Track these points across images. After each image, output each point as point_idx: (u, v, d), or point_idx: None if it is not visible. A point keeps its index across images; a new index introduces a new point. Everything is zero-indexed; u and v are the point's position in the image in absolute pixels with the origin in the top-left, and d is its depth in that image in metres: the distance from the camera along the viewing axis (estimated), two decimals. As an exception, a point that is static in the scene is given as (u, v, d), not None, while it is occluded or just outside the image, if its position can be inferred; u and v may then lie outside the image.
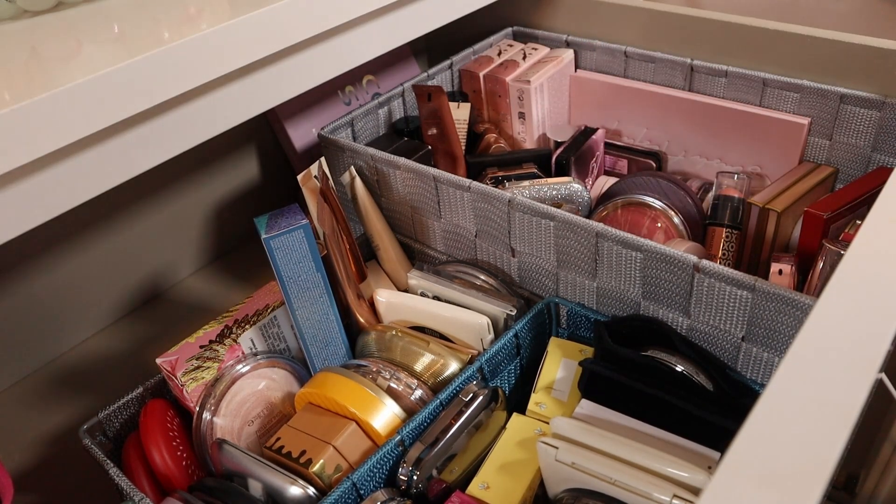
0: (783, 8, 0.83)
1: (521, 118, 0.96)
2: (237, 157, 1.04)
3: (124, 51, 0.54)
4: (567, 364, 0.68)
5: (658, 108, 0.92)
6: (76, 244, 0.90)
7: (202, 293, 1.02)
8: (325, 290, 0.69)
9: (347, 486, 0.57)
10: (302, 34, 0.64)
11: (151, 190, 0.95)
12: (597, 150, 0.93)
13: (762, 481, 0.29)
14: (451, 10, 0.83)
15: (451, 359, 0.68)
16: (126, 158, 0.57)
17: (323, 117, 1.01)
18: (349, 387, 0.64)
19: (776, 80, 0.83)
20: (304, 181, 0.72)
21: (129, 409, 0.68)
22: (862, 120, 0.78)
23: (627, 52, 0.94)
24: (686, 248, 0.71)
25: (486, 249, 0.77)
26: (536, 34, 1.02)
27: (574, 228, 0.67)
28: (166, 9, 0.63)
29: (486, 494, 0.59)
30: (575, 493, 0.56)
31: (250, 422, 0.69)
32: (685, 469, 0.52)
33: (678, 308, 0.64)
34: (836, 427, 0.31)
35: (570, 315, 0.72)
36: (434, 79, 0.96)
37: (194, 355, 0.68)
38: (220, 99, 0.62)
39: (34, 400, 0.87)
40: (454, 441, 0.61)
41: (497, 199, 0.72)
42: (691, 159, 0.93)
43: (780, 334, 0.59)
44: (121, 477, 0.61)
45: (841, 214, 0.72)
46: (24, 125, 0.48)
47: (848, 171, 0.82)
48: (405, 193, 0.81)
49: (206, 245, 1.05)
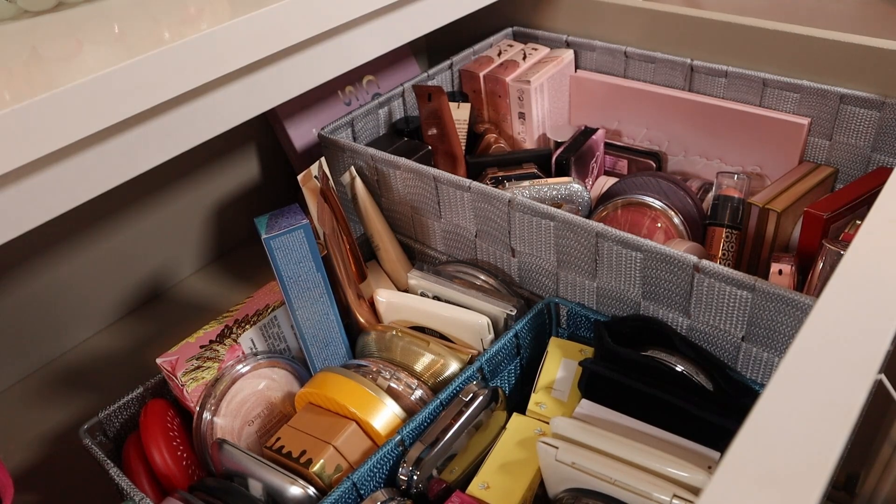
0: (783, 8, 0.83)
1: (521, 118, 0.96)
2: (237, 157, 1.04)
3: (124, 51, 0.54)
4: (567, 364, 0.68)
5: (658, 108, 0.92)
6: (76, 244, 0.90)
7: (202, 293, 1.02)
8: (325, 290, 0.69)
9: (347, 485, 0.57)
10: (302, 34, 0.64)
11: (151, 190, 0.95)
12: (597, 150, 0.93)
13: (762, 481, 0.29)
14: (451, 10, 0.83)
15: (451, 359, 0.68)
16: (126, 158, 0.57)
17: (323, 117, 1.01)
18: (349, 387, 0.64)
19: (776, 81, 0.83)
20: (304, 181, 0.72)
21: (130, 409, 0.68)
22: (862, 120, 0.78)
23: (627, 53, 0.94)
24: (686, 248, 0.71)
25: (486, 249, 0.77)
26: (536, 34, 1.02)
27: (574, 228, 0.67)
28: (166, 9, 0.63)
29: (486, 494, 0.59)
30: (575, 493, 0.56)
31: (250, 422, 0.69)
32: (685, 469, 0.52)
33: (678, 308, 0.64)
34: (835, 427, 0.31)
35: (570, 315, 0.72)
36: (434, 79, 0.96)
37: (194, 355, 0.68)
38: (220, 99, 0.62)
39: (34, 399, 0.87)
40: (454, 441, 0.61)
41: (497, 199, 0.72)
42: (691, 159, 0.93)
43: (780, 334, 0.59)
44: (121, 477, 0.61)
45: (841, 214, 0.72)
46: (24, 125, 0.48)
47: (848, 171, 0.82)
48: (405, 193, 0.81)
49: (206, 245, 1.05)
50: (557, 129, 0.97)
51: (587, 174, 0.92)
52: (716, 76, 0.87)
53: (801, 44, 0.81)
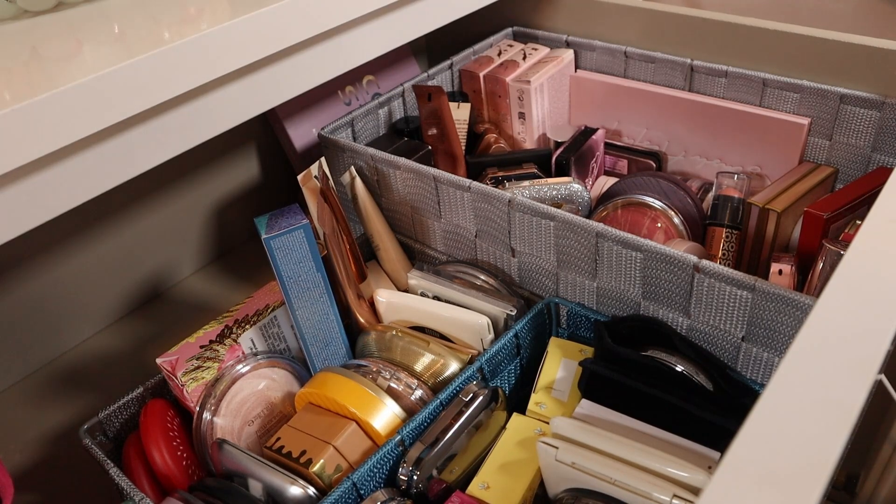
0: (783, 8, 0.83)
1: (521, 118, 0.96)
2: (237, 157, 1.04)
3: (124, 51, 0.54)
4: (567, 364, 0.68)
5: (658, 108, 0.92)
6: (76, 244, 0.90)
7: (202, 293, 1.02)
8: (325, 290, 0.69)
9: (347, 485, 0.57)
10: (302, 34, 0.64)
11: (151, 190, 0.95)
12: (597, 151, 0.93)
13: (762, 481, 0.29)
14: (451, 10, 0.83)
15: (451, 359, 0.68)
16: (126, 158, 0.57)
17: (323, 117, 1.01)
18: (349, 387, 0.64)
19: (776, 80, 0.83)
20: (304, 181, 0.72)
21: (129, 409, 0.68)
22: (862, 120, 0.78)
23: (627, 53, 0.94)
24: (686, 248, 0.71)
25: (486, 249, 0.77)
26: (536, 34, 1.02)
27: (574, 228, 0.67)
28: (166, 9, 0.63)
29: (486, 494, 0.59)
30: (575, 493, 0.56)
31: (250, 422, 0.69)
32: (685, 469, 0.52)
33: (678, 308, 0.64)
34: (835, 427, 0.31)
35: (570, 315, 0.72)
36: (434, 79, 0.96)
37: (194, 355, 0.68)
38: (220, 99, 0.62)
39: (34, 400, 0.87)
40: (454, 441, 0.61)
41: (497, 199, 0.72)
42: (691, 159, 0.93)
43: (780, 334, 0.59)
44: (121, 477, 0.61)
45: (841, 214, 0.72)
46: (24, 125, 0.48)
47: (848, 171, 0.82)
48: (405, 193, 0.81)
49: (206, 245, 1.05)
50: (557, 129, 0.97)
51: (587, 174, 0.92)
52: (716, 76, 0.87)
53: (801, 44, 0.81)
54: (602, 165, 0.97)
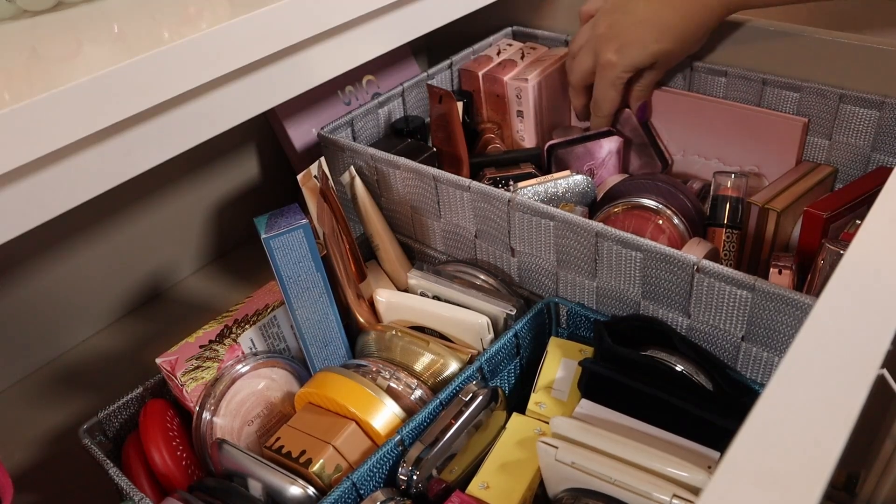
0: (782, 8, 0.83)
1: (520, 116, 0.96)
2: (237, 157, 1.04)
3: (124, 51, 0.54)
4: (567, 364, 0.68)
5: (658, 107, 0.92)
6: (76, 244, 0.90)
7: (202, 293, 1.02)
8: (325, 290, 0.69)
9: (347, 485, 0.57)
10: (302, 34, 0.64)
11: (151, 190, 0.95)
12: (597, 156, 0.92)
13: (762, 481, 0.29)
14: (451, 10, 0.83)
15: (451, 359, 0.68)
16: (126, 158, 0.57)
17: (323, 117, 1.01)
18: (349, 387, 0.64)
19: (776, 80, 0.83)
20: (304, 181, 0.72)
21: (129, 409, 0.68)
22: (861, 120, 0.78)
23: (627, 52, 0.94)
24: (703, 250, 0.71)
25: (485, 249, 0.77)
26: (536, 34, 1.02)
27: (574, 228, 0.67)
28: (166, 9, 0.63)
29: (485, 494, 0.59)
30: (575, 493, 0.56)
31: (250, 422, 0.69)
32: (685, 469, 0.52)
33: (678, 308, 0.64)
34: (835, 427, 0.31)
35: (570, 315, 0.72)
36: (434, 78, 0.96)
37: (194, 355, 0.68)
38: (220, 99, 0.62)
39: (34, 400, 0.87)
40: (454, 441, 0.61)
41: (497, 199, 0.72)
42: (690, 159, 0.93)
43: (780, 334, 0.59)
44: (121, 477, 0.61)
45: (841, 214, 0.72)
46: (24, 125, 0.48)
47: (847, 171, 0.82)
48: (405, 193, 0.81)
49: (206, 245, 1.05)
50: (558, 128, 0.97)
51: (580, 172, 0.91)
52: (716, 76, 0.87)
53: (801, 44, 0.81)
54: (606, 175, 0.95)
